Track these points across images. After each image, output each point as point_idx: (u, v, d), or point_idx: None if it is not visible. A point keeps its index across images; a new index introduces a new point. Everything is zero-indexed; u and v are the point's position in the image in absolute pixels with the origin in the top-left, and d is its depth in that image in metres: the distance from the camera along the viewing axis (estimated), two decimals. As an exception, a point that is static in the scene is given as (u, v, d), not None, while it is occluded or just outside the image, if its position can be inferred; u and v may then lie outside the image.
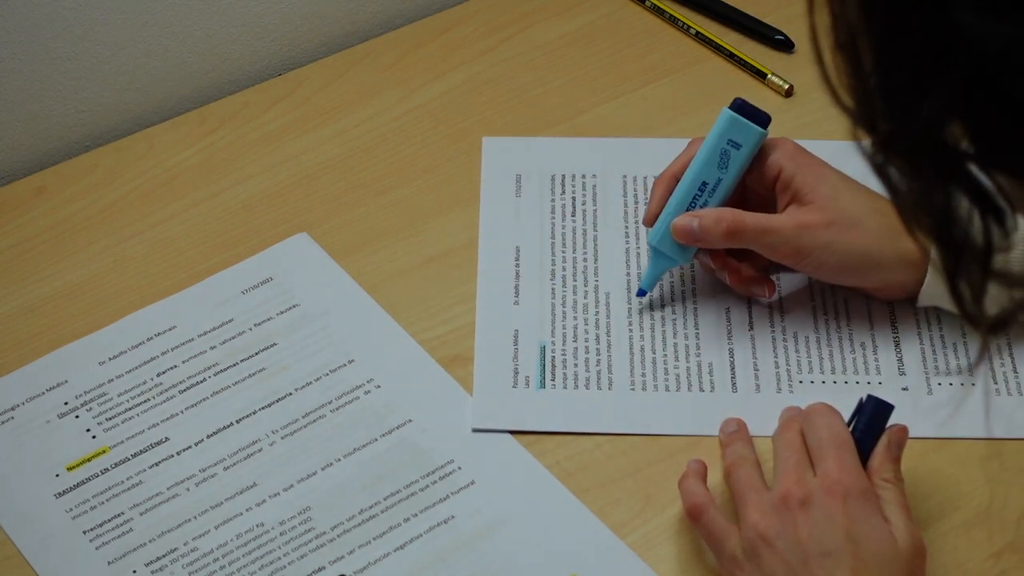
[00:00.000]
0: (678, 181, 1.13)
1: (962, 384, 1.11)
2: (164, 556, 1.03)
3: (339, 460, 1.07)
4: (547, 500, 1.05)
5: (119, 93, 1.30)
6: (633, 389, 1.11)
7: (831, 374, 1.12)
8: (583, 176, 1.24)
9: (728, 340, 1.14)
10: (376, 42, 1.35)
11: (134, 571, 1.02)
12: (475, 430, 1.09)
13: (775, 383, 1.11)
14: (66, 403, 1.10)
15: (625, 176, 1.24)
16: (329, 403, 1.10)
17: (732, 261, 1.14)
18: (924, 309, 1.14)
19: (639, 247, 1.20)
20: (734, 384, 1.11)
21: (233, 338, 1.14)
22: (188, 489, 1.06)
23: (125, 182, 1.25)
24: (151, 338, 1.14)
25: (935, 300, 1.11)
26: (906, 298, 1.14)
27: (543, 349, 1.13)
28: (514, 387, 1.11)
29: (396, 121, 1.29)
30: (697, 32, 1.34)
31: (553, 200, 1.23)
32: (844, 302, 1.15)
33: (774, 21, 1.34)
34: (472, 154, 1.26)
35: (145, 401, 1.10)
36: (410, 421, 1.09)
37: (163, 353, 1.13)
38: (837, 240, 1.10)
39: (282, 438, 1.08)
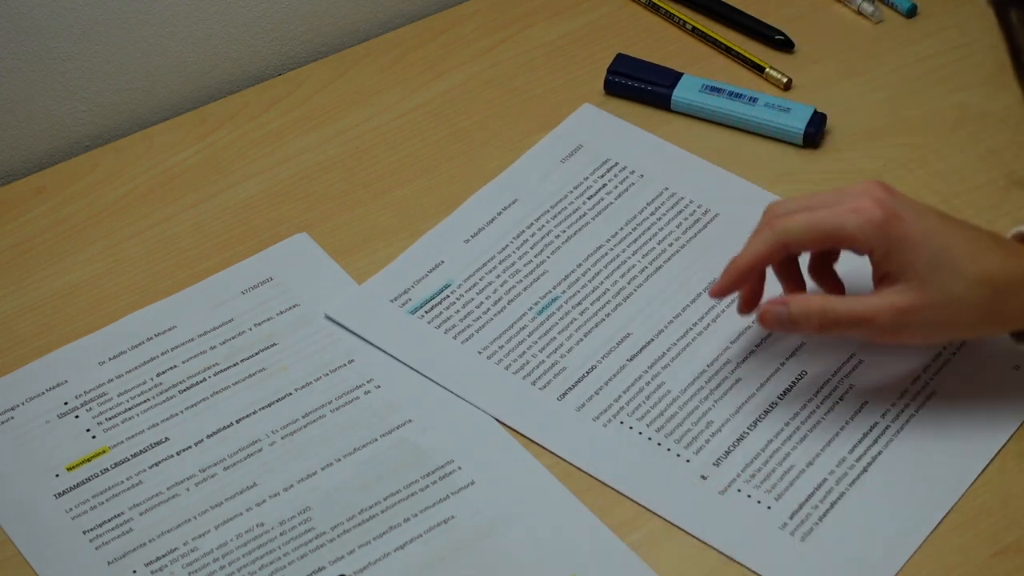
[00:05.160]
0: None
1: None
2: (164, 556, 1.03)
3: (339, 460, 1.07)
4: (547, 500, 1.05)
5: (119, 93, 1.30)
6: (480, 354, 1.11)
7: (647, 427, 1.07)
8: (632, 172, 1.23)
9: (600, 360, 1.11)
10: (376, 42, 1.35)
11: (134, 571, 1.02)
12: (326, 316, 1.13)
13: (599, 411, 1.08)
14: (66, 403, 1.10)
15: (665, 189, 1.21)
16: (329, 403, 1.10)
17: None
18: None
19: (608, 252, 1.18)
20: (565, 394, 1.09)
21: (233, 338, 1.14)
22: (188, 489, 1.06)
23: (125, 182, 1.25)
24: (151, 338, 1.14)
25: None
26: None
27: (446, 286, 1.14)
28: (392, 301, 1.13)
29: (396, 121, 1.29)
30: (694, 28, 1.33)
31: (586, 178, 1.22)
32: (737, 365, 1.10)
33: (774, 21, 1.34)
34: (472, 154, 1.26)
35: (145, 401, 1.10)
36: (410, 421, 1.09)
37: (163, 353, 1.13)
38: (936, 321, 1.02)
39: (282, 438, 1.08)
